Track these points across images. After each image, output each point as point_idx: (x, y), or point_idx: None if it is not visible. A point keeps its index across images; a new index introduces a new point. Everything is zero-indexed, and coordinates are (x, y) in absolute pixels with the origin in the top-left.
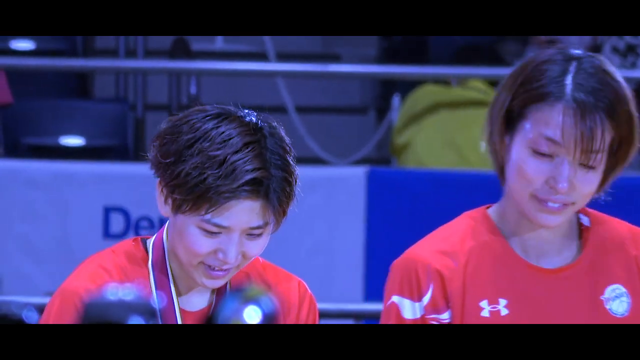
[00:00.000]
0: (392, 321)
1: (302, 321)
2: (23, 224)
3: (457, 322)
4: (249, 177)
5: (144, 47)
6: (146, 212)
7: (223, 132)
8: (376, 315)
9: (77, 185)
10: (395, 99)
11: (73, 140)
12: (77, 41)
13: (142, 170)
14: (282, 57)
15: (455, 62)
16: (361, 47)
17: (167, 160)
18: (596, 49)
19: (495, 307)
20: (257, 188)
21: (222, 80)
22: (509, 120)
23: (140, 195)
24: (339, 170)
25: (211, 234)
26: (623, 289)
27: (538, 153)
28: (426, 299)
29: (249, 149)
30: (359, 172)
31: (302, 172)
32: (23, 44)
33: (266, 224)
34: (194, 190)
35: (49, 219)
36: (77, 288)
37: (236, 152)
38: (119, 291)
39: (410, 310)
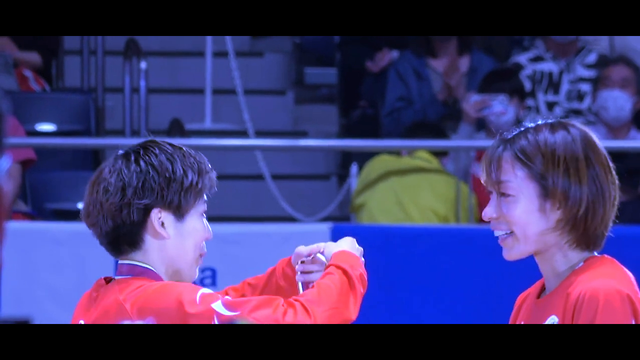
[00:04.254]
0: None
1: None
2: (49, 274)
3: None
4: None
5: (145, 127)
6: None
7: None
8: None
9: (92, 242)
10: (354, 167)
11: None
12: (90, 123)
13: None
14: (260, 134)
15: (405, 136)
16: (324, 124)
17: (165, 178)
18: (517, 123)
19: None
20: None
21: (211, 153)
22: None
23: None
24: (307, 226)
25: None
26: (556, 319)
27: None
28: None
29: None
30: (324, 228)
31: (276, 229)
32: (46, 127)
33: None
34: (199, 181)
35: (70, 270)
36: None
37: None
38: None
39: None
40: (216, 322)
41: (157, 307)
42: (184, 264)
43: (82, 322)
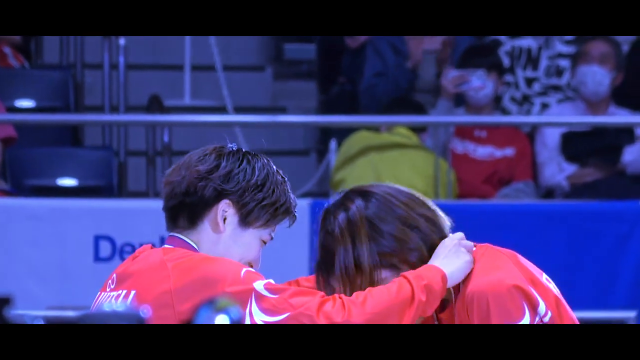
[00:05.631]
0: None
1: None
2: (28, 250)
3: None
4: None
5: (124, 103)
6: (129, 239)
7: (273, 167)
8: None
9: (71, 218)
10: (333, 143)
11: (67, 181)
12: (69, 99)
13: (125, 204)
14: (239, 110)
15: (384, 112)
16: (303, 100)
17: (255, 183)
18: (496, 99)
19: None
20: None
21: (190, 130)
22: None
23: (124, 225)
24: None
25: (264, 244)
26: None
27: None
28: None
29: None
30: (303, 204)
31: None
32: (25, 103)
33: None
34: (280, 208)
35: (49, 246)
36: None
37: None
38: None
39: None
40: (253, 301)
41: (197, 277)
42: None
43: (114, 275)
